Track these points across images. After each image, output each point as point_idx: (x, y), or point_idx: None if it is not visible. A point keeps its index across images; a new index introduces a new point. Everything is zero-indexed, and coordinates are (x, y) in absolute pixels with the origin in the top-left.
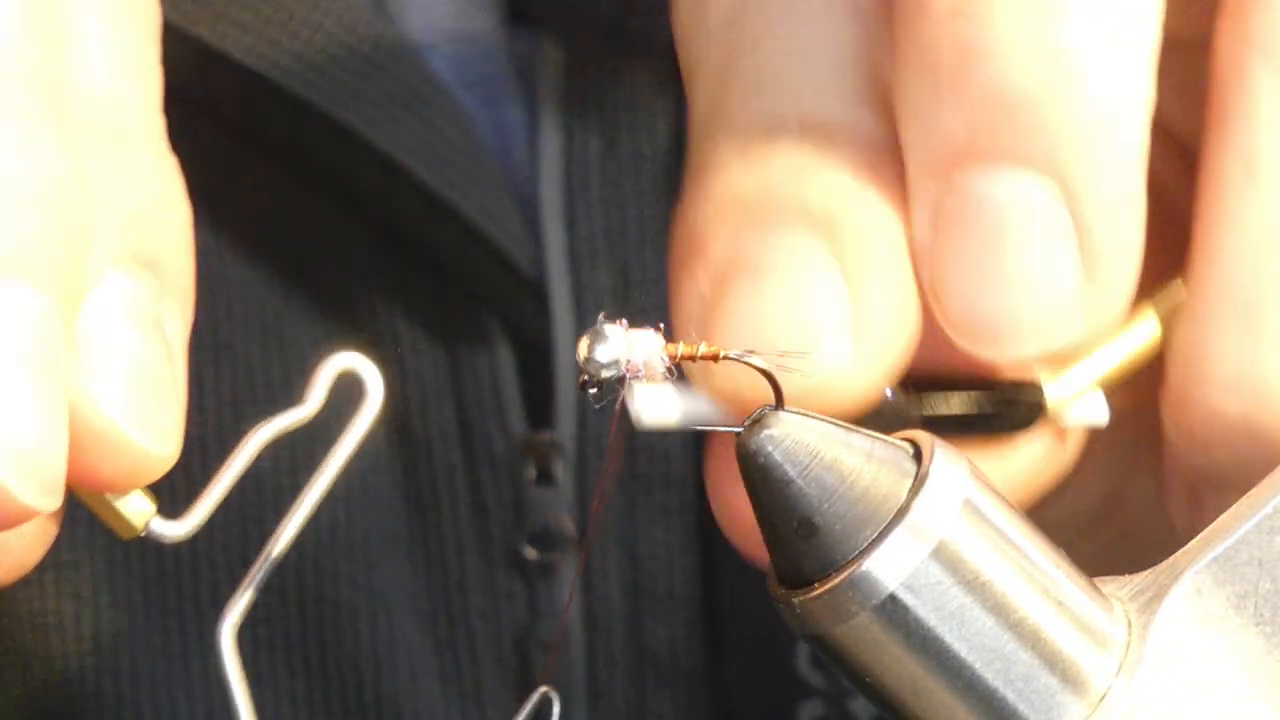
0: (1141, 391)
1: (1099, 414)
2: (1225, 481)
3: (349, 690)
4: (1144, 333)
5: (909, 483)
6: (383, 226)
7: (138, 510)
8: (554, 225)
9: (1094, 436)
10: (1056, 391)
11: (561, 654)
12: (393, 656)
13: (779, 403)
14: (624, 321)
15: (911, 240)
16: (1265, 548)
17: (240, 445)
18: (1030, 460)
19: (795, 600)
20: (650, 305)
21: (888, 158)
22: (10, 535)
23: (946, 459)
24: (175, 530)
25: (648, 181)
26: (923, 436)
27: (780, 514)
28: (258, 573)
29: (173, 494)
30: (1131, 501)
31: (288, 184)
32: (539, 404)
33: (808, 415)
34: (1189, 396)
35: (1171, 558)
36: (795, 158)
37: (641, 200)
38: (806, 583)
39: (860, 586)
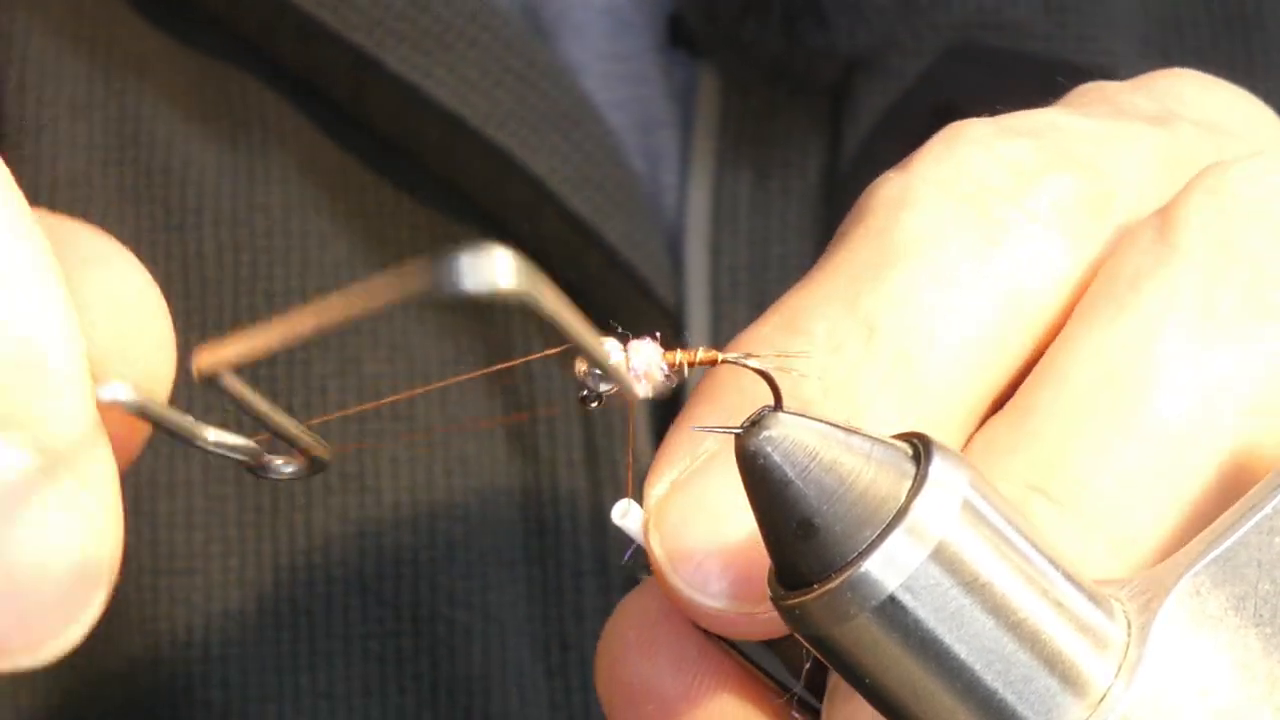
0: None
1: None
2: None
3: (457, 710)
4: None
5: (908, 484)
6: (524, 247)
7: None
8: (698, 254)
9: None
10: None
11: None
12: (503, 678)
13: (778, 404)
14: (618, 332)
15: None
16: (1264, 549)
17: None
18: None
19: (794, 601)
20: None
21: None
22: None
23: (946, 460)
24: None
25: (794, 218)
26: (923, 437)
27: (779, 515)
28: None
29: (309, 509)
30: None
31: (428, 198)
32: (667, 430)
33: (807, 416)
34: None
35: (1171, 558)
36: None
37: (786, 236)
38: (806, 584)
39: (860, 588)
